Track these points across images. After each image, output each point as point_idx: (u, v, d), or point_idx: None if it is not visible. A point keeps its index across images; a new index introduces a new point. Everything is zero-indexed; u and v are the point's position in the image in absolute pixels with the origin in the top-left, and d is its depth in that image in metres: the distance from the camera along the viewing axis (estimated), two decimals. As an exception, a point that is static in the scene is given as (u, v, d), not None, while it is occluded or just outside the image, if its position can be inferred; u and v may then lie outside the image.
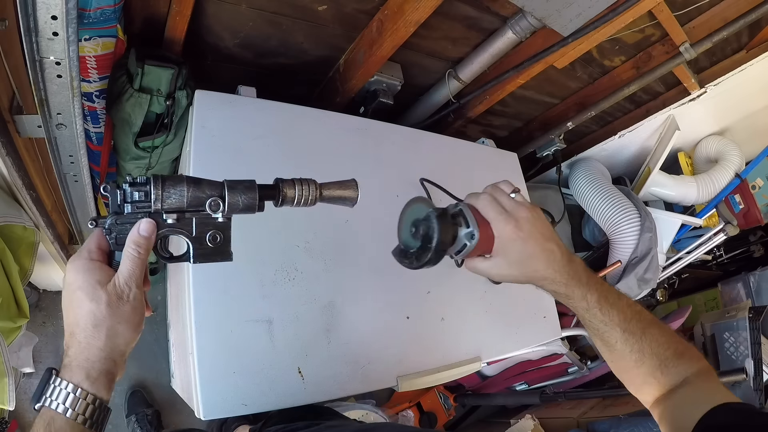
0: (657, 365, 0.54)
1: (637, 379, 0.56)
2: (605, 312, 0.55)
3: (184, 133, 1.05)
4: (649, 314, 0.57)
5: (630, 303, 0.56)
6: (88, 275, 0.44)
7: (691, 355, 0.55)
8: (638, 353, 0.54)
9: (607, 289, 0.56)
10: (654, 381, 0.54)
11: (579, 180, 1.65)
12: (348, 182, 0.55)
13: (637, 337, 0.54)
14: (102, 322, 0.44)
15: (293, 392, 0.84)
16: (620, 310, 0.55)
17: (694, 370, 0.53)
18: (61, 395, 0.41)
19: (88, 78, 0.93)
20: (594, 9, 1.01)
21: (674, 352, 0.54)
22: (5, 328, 0.98)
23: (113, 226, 0.46)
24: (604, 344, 0.57)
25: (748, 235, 2.34)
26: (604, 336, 0.56)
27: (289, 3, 1.03)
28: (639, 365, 0.54)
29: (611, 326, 0.55)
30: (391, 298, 1.01)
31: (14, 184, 0.87)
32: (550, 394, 1.86)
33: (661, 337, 0.54)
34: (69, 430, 0.41)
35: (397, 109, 1.43)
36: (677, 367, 0.53)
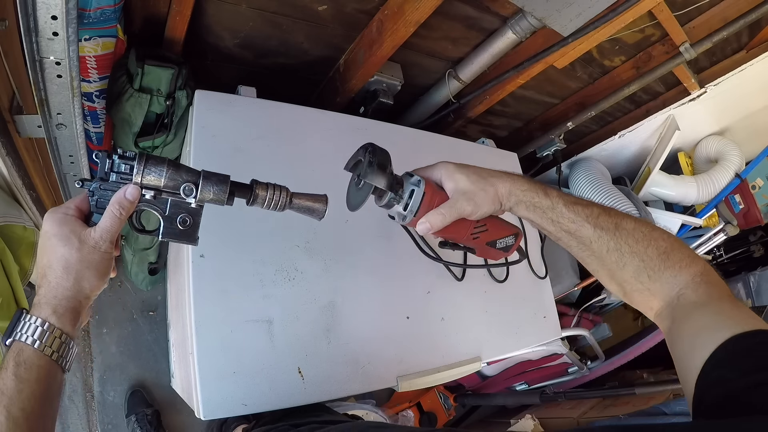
0: (641, 267, 0.50)
1: (626, 285, 0.53)
2: (570, 208, 0.54)
3: (184, 133, 1.05)
4: (620, 211, 0.54)
5: (593, 203, 0.55)
6: (64, 225, 0.48)
7: (680, 256, 0.50)
8: (616, 252, 0.51)
9: (566, 194, 0.57)
10: (642, 288, 0.51)
11: (579, 180, 1.65)
12: (319, 196, 0.58)
13: (611, 232, 0.52)
14: (72, 265, 0.48)
15: (293, 392, 0.84)
16: (585, 206, 0.54)
17: (688, 279, 0.48)
18: (29, 329, 0.45)
19: (88, 78, 0.93)
20: (594, 9, 1.01)
21: (657, 252, 0.50)
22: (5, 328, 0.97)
23: (97, 190, 0.51)
24: (580, 245, 0.54)
25: (748, 235, 2.34)
26: (577, 234, 0.54)
27: (289, 3, 1.03)
28: (621, 266, 0.51)
29: (579, 223, 0.53)
30: (391, 298, 1.01)
31: (14, 184, 0.87)
32: (550, 394, 1.86)
33: (638, 232, 0.51)
34: (36, 360, 0.45)
35: (397, 109, 1.43)
36: (665, 271, 0.49)
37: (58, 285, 0.47)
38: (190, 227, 0.53)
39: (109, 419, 1.53)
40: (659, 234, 0.52)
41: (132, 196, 0.50)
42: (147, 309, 1.67)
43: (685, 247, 0.52)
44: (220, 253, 0.83)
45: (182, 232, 0.53)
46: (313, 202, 0.58)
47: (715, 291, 0.47)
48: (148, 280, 1.63)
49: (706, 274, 0.49)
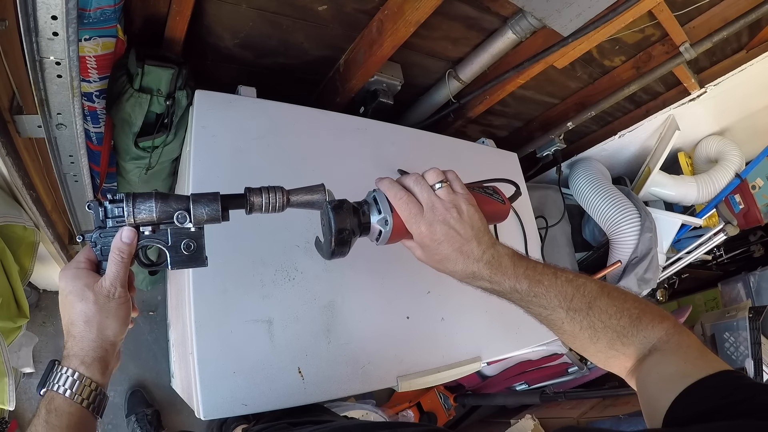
0: (615, 337, 0.50)
1: (600, 354, 0.53)
2: (541, 296, 0.52)
3: (184, 133, 1.05)
4: (595, 285, 0.53)
5: (570, 279, 0.53)
6: (77, 280, 0.50)
7: (651, 318, 0.51)
8: (589, 329, 0.51)
9: (541, 272, 0.53)
10: (617, 353, 0.51)
11: (579, 180, 1.65)
12: (315, 187, 0.57)
13: (584, 313, 0.51)
14: (92, 318, 0.49)
15: (293, 392, 0.83)
16: (558, 291, 0.51)
17: (659, 334, 0.50)
18: (61, 379, 0.47)
19: (88, 78, 0.93)
20: (594, 9, 1.01)
21: (630, 320, 0.50)
22: (5, 328, 0.98)
23: (98, 239, 0.52)
24: (552, 327, 0.54)
25: (748, 235, 2.34)
26: (549, 319, 0.53)
27: (289, 3, 1.03)
28: (594, 341, 0.51)
29: (552, 309, 0.52)
30: (391, 298, 1.01)
31: (14, 184, 0.87)
32: (550, 394, 1.86)
33: (611, 307, 0.51)
34: (66, 407, 0.46)
35: (397, 109, 1.43)
36: (637, 335, 0.50)
37: (83, 338, 0.49)
38: (195, 251, 0.54)
39: (109, 419, 1.53)
40: (631, 303, 0.52)
41: (128, 239, 0.51)
42: (147, 309, 1.67)
43: (654, 307, 0.53)
44: (219, 253, 0.83)
45: (189, 257, 0.54)
46: (311, 195, 0.56)
47: (684, 340, 0.49)
48: (148, 280, 1.63)
49: (675, 328, 0.51)
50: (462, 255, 0.53)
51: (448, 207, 0.53)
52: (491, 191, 0.63)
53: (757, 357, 1.59)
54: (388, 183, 0.56)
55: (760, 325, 1.65)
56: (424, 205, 0.54)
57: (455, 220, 0.53)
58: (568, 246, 1.66)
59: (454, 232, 0.53)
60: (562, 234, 1.65)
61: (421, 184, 0.55)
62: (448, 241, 0.53)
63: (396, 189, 0.55)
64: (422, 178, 0.56)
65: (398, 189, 0.55)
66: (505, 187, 0.70)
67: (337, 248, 0.55)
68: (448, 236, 0.52)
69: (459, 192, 0.55)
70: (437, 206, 0.53)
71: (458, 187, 0.56)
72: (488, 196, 0.62)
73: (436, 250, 0.53)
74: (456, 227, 0.53)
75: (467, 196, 0.55)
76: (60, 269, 0.51)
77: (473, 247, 0.53)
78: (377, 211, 0.56)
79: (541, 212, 1.58)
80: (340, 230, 0.54)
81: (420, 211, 0.53)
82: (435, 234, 0.53)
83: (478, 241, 0.53)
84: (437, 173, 0.56)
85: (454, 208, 0.53)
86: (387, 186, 0.56)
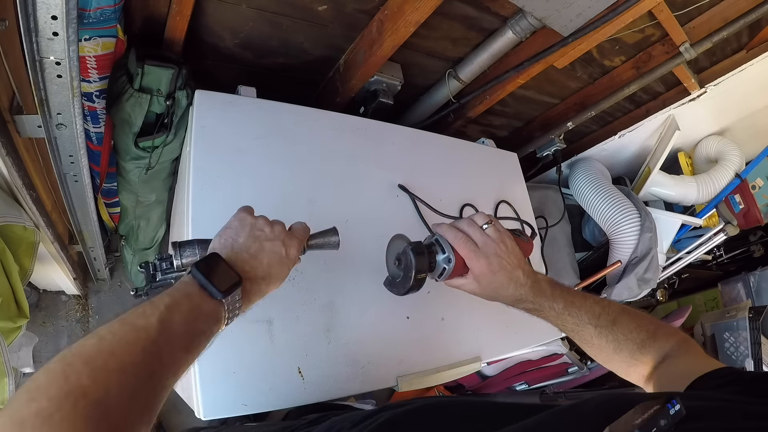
0: (635, 348, 0.60)
1: (623, 364, 0.61)
2: (574, 315, 0.62)
3: (184, 133, 1.05)
4: (617, 306, 0.64)
5: (597, 300, 0.64)
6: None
7: (665, 332, 0.61)
8: (614, 342, 0.61)
9: (573, 294, 0.64)
10: (637, 362, 0.60)
11: (579, 180, 1.65)
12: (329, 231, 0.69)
13: (609, 328, 0.61)
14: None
15: (293, 392, 0.83)
16: (588, 310, 0.62)
17: (672, 345, 0.59)
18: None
19: (88, 78, 0.93)
20: (594, 9, 1.01)
21: (647, 334, 0.60)
22: (5, 328, 0.98)
23: (150, 291, 0.60)
24: (582, 341, 0.64)
25: (748, 235, 2.33)
26: (580, 334, 0.63)
27: (289, 3, 1.03)
28: (618, 352, 0.61)
29: (583, 326, 0.62)
30: (391, 298, 1.00)
31: (14, 184, 0.87)
32: (550, 394, 1.86)
33: (632, 323, 0.61)
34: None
35: (397, 109, 1.43)
36: (653, 345, 0.59)
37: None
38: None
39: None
40: (647, 321, 0.63)
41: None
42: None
43: (666, 325, 0.64)
44: (220, 253, 0.82)
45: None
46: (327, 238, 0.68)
47: (692, 349, 0.59)
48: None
49: (686, 341, 0.60)
50: (513, 282, 0.62)
51: (497, 242, 0.63)
52: (519, 233, 0.73)
53: (757, 357, 1.59)
54: (446, 227, 0.66)
55: (760, 325, 1.66)
56: (479, 243, 0.63)
57: (505, 253, 0.63)
58: (568, 246, 1.66)
59: (506, 262, 0.63)
60: (562, 234, 1.65)
61: (474, 227, 0.65)
62: (502, 271, 0.62)
63: (455, 231, 0.65)
64: (473, 222, 0.65)
65: (456, 231, 0.64)
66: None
67: (415, 285, 0.64)
68: (501, 266, 0.62)
69: (501, 230, 0.66)
70: (489, 243, 0.63)
71: (500, 227, 0.66)
72: (518, 236, 0.71)
73: (493, 280, 0.62)
74: (507, 258, 0.63)
75: (508, 233, 0.66)
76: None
77: (519, 274, 0.63)
78: (441, 251, 0.64)
79: (541, 212, 1.58)
80: (420, 270, 0.63)
81: (477, 248, 0.63)
82: (492, 266, 0.62)
83: (523, 269, 0.64)
84: (484, 216, 0.66)
85: (502, 243, 0.64)
86: (446, 229, 0.65)
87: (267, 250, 0.56)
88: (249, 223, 0.57)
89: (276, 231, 0.58)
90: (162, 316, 0.43)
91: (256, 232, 0.56)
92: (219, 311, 0.48)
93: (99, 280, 1.62)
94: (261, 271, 0.54)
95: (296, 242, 0.60)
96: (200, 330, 0.46)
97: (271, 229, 0.58)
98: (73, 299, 1.57)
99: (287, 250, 0.58)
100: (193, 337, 0.45)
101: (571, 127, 1.63)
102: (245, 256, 0.54)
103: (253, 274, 0.54)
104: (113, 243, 1.60)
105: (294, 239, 0.60)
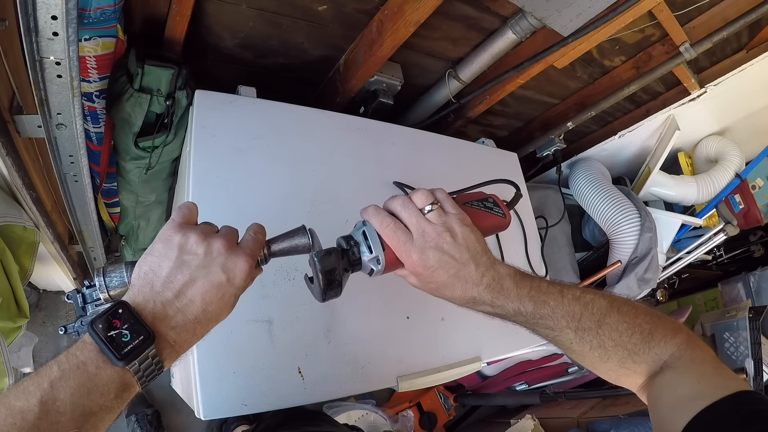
0: (625, 355, 0.48)
1: (611, 373, 0.51)
2: (548, 318, 0.49)
3: (184, 133, 1.05)
4: (604, 300, 0.50)
5: (577, 296, 0.50)
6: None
7: (663, 333, 0.49)
8: (599, 349, 0.49)
9: (546, 291, 0.50)
10: (628, 371, 0.49)
11: (579, 180, 1.65)
12: (296, 231, 0.54)
13: (593, 332, 0.48)
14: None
15: (293, 392, 0.83)
16: (566, 311, 0.49)
17: (672, 350, 0.48)
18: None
19: (88, 78, 0.93)
20: (594, 9, 1.01)
21: (641, 336, 0.48)
22: (5, 328, 0.98)
23: (80, 327, 0.48)
24: (561, 347, 0.52)
25: (748, 235, 2.34)
26: (557, 340, 0.51)
27: (289, 3, 1.03)
28: (604, 360, 0.49)
29: (559, 330, 0.49)
30: (391, 298, 1.01)
31: (14, 184, 0.87)
32: (550, 394, 1.86)
33: (622, 324, 0.48)
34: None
35: (397, 109, 1.43)
36: (648, 352, 0.48)
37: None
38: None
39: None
40: (642, 317, 0.50)
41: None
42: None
43: (667, 320, 0.51)
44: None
45: None
46: (294, 240, 0.53)
47: (698, 354, 0.47)
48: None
49: (690, 341, 0.49)
50: (459, 281, 0.50)
51: (440, 231, 0.49)
52: (491, 204, 0.59)
53: (757, 357, 1.59)
54: (373, 210, 0.52)
55: (760, 325, 1.65)
56: (414, 231, 0.50)
57: (449, 245, 0.49)
58: (568, 246, 1.66)
59: (449, 257, 0.49)
60: (562, 234, 1.65)
61: (409, 209, 0.51)
62: (442, 268, 0.49)
63: (382, 216, 0.51)
64: (410, 202, 0.52)
65: (384, 216, 0.51)
66: (503, 189, 0.69)
67: (328, 293, 0.52)
68: (442, 262, 0.49)
69: (451, 212, 0.51)
70: (428, 231, 0.49)
71: (450, 207, 0.52)
72: (487, 210, 0.58)
73: (431, 278, 0.50)
74: (450, 252, 0.49)
75: (460, 215, 0.52)
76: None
77: (470, 270, 0.49)
78: (368, 248, 0.52)
79: (541, 212, 1.58)
80: (329, 273, 0.50)
81: (409, 239, 0.50)
82: (428, 261, 0.49)
83: (476, 263, 0.50)
84: (426, 195, 0.52)
85: (447, 231, 0.50)
86: (372, 213, 0.52)
87: (199, 281, 0.43)
88: (176, 245, 0.44)
89: (214, 250, 0.45)
90: (44, 396, 0.35)
91: (185, 257, 0.44)
92: (124, 378, 0.39)
93: (99, 280, 1.62)
94: (192, 312, 0.43)
95: (243, 260, 0.46)
96: (97, 406, 0.37)
97: (206, 248, 0.44)
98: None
99: (229, 275, 0.45)
100: (88, 416, 0.37)
101: (571, 127, 1.63)
102: (168, 296, 0.42)
103: (180, 318, 0.43)
104: (113, 243, 1.60)
105: (240, 256, 0.46)
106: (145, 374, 0.41)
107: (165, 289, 0.43)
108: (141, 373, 0.40)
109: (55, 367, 0.37)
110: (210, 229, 0.48)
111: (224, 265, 0.45)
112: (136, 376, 0.40)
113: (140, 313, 0.41)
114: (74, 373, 0.37)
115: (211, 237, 0.46)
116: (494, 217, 0.58)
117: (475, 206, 0.57)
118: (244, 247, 0.48)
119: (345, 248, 0.53)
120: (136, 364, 0.39)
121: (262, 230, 0.52)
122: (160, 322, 0.42)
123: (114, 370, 0.39)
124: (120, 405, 0.40)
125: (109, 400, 0.39)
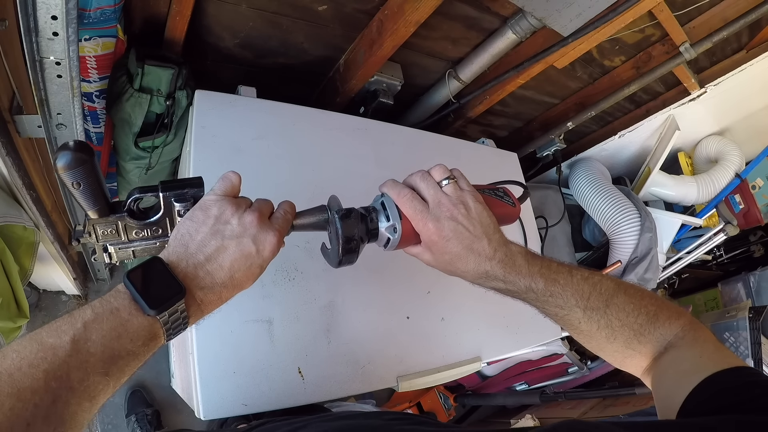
0: (631, 336, 0.50)
1: (617, 354, 0.52)
2: (558, 296, 0.50)
3: (184, 133, 1.05)
4: (611, 282, 0.52)
5: (585, 276, 0.51)
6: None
7: (668, 315, 0.50)
8: (606, 329, 0.50)
9: (556, 270, 0.51)
10: (633, 353, 0.50)
11: (579, 180, 1.65)
12: (319, 208, 0.57)
13: (601, 312, 0.50)
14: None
15: (293, 392, 0.83)
16: (575, 290, 0.50)
17: (676, 330, 0.49)
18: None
19: (88, 78, 0.93)
20: (594, 9, 1.01)
21: (647, 317, 0.50)
22: (5, 328, 0.98)
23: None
24: (569, 326, 0.52)
25: (748, 235, 2.34)
26: (565, 319, 0.51)
27: (289, 3, 1.03)
28: (611, 340, 0.50)
29: (569, 308, 0.50)
30: (391, 298, 1.01)
31: (14, 184, 0.87)
32: (550, 394, 1.86)
33: (628, 305, 0.50)
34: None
35: (397, 109, 1.43)
36: (654, 332, 0.49)
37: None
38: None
39: (109, 419, 1.53)
40: (648, 299, 0.51)
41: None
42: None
43: (670, 304, 0.52)
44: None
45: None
46: (316, 217, 0.56)
47: (700, 335, 0.49)
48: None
49: (691, 324, 0.50)
50: (473, 253, 0.50)
51: (455, 203, 0.51)
52: (501, 193, 0.61)
53: (757, 357, 1.59)
54: (391, 183, 0.54)
55: (760, 325, 1.65)
56: (430, 201, 0.52)
57: (463, 217, 0.50)
58: (568, 246, 1.66)
59: (463, 227, 0.50)
60: (562, 234, 1.65)
61: (427, 180, 0.53)
62: (456, 238, 0.50)
63: (400, 188, 0.53)
64: (428, 175, 0.54)
65: (401, 187, 0.53)
66: (512, 188, 0.70)
67: (344, 257, 0.54)
68: (456, 232, 0.50)
69: (466, 189, 0.53)
70: (444, 202, 0.51)
71: (465, 185, 0.54)
72: (498, 198, 0.60)
73: (445, 248, 0.51)
74: (464, 223, 0.50)
75: (474, 193, 0.53)
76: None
77: (484, 245, 0.50)
78: (385, 217, 0.53)
79: (541, 212, 1.58)
80: (348, 239, 0.52)
81: (426, 208, 0.51)
82: (443, 230, 0.50)
83: (489, 239, 0.51)
84: (443, 170, 0.54)
85: (462, 204, 0.51)
86: (390, 186, 0.54)
87: (230, 249, 0.46)
88: (213, 215, 0.47)
89: (246, 223, 0.47)
90: (77, 335, 0.37)
91: (219, 227, 0.46)
92: (153, 328, 0.41)
93: (99, 280, 1.62)
94: (220, 276, 0.46)
95: (273, 235, 0.49)
96: (125, 350, 0.40)
97: (239, 221, 0.47)
98: (73, 299, 1.57)
99: (259, 247, 0.47)
100: (116, 359, 0.39)
101: (571, 127, 1.63)
102: (200, 259, 0.45)
103: (209, 280, 0.45)
104: (113, 243, 1.60)
105: (270, 231, 0.49)
106: (173, 326, 0.43)
107: (198, 252, 0.45)
108: (169, 325, 0.42)
109: (89, 310, 0.39)
110: (245, 202, 0.51)
111: (255, 237, 0.47)
112: (164, 327, 0.42)
113: (173, 270, 0.44)
114: (107, 317, 0.39)
115: (246, 210, 0.49)
116: (505, 205, 0.60)
117: (487, 193, 0.60)
118: (275, 223, 0.51)
119: (363, 214, 0.55)
120: (166, 315, 0.41)
121: (293, 209, 0.55)
122: (190, 281, 0.44)
123: (145, 319, 0.41)
124: (146, 353, 0.42)
125: (137, 346, 0.40)
